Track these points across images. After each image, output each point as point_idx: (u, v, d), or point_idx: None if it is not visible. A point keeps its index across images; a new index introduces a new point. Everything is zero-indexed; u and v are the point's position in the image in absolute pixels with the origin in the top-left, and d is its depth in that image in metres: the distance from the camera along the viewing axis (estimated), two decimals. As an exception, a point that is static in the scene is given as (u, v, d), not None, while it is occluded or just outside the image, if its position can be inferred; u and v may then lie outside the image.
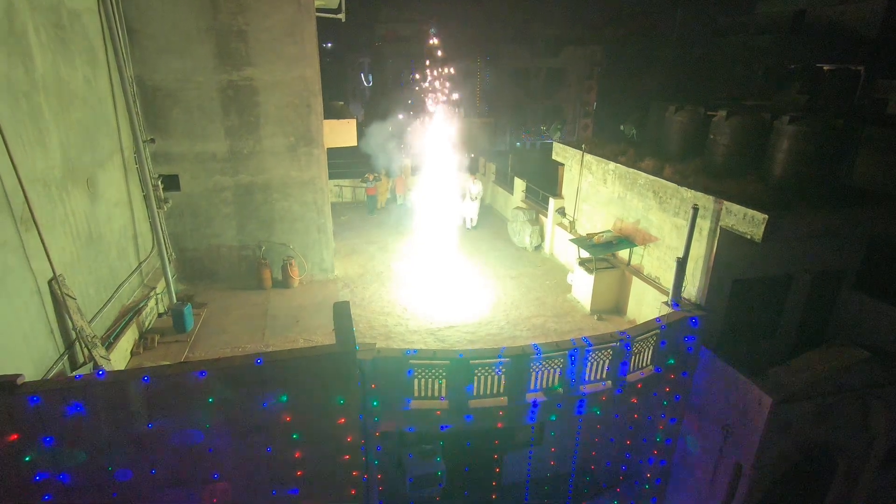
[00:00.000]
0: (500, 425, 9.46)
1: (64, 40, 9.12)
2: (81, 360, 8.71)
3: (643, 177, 12.50)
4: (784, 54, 22.17)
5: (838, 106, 16.11)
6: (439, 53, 17.35)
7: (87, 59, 9.95)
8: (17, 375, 6.60)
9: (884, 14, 21.62)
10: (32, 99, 8.10)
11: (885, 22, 21.65)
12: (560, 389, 9.41)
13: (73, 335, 8.56)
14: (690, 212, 10.42)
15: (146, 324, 11.41)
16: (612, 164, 13.76)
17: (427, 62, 17.65)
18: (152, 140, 12.25)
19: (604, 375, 9.70)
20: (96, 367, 8.58)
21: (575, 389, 9.50)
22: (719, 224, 10.34)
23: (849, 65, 19.71)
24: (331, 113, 15.30)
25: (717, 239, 10.46)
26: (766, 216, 9.31)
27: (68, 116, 9.14)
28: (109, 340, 9.73)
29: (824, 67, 19.28)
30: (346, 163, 22.12)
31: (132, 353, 10.45)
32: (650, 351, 10.13)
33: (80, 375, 7.46)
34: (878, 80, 19.12)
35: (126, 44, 11.34)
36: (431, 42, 17.39)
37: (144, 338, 10.88)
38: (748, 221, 9.68)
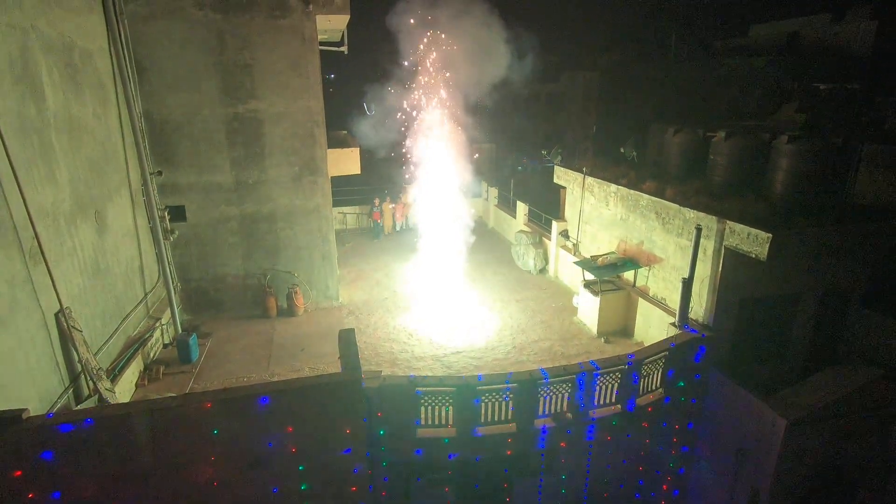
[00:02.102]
0: (509, 452, 9.29)
1: (75, 79, 9.39)
2: (86, 392, 8.67)
3: (645, 198, 12.56)
4: (780, 75, 22.48)
5: (836, 124, 16.22)
6: (440, 84, 17.73)
7: (97, 96, 10.22)
8: (23, 410, 6.57)
9: (875, 34, 22.00)
10: (44, 136, 8.29)
11: (877, 42, 22.01)
12: (569, 415, 9.27)
13: (79, 368, 8.54)
14: (694, 232, 10.43)
15: (151, 355, 11.38)
16: (613, 187, 13.85)
17: (428, 89, 18.02)
18: (160, 172, 12.46)
19: (613, 399, 9.57)
20: (101, 399, 8.54)
21: (584, 414, 9.35)
22: (723, 244, 10.32)
23: (844, 83, 19.94)
24: (334, 142, 15.56)
25: (721, 259, 10.43)
26: (770, 235, 9.30)
27: (78, 151, 9.34)
28: (115, 372, 9.70)
29: (820, 87, 19.50)
30: (350, 190, 22.37)
31: (137, 385, 10.40)
32: (659, 373, 10.00)
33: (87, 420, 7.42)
34: (875, 98, 19.31)
35: (135, 80, 11.65)
36: (432, 71, 17.77)
37: (149, 369, 10.85)
38: (752, 240, 9.67)
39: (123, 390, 9.70)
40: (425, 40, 16.72)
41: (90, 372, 8.51)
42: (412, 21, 16.45)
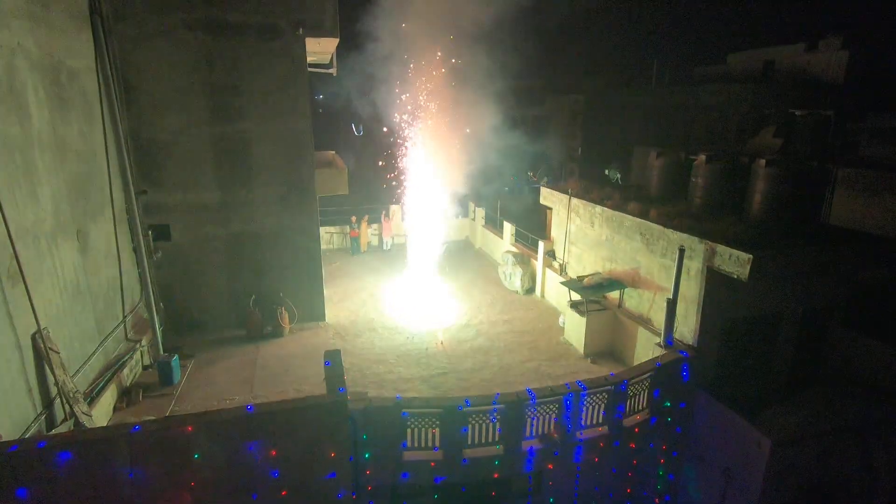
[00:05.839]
0: (496, 475, 9.18)
1: (62, 98, 9.35)
2: (62, 416, 8.41)
3: (629, 219, 12.75)
4: (757, 101, 23.23)
5: (812, 149, 16.76)
6: (427, 103, 18.03)
7: (83, 115, 10.17)
8: (-6, 435, 6.36)
9: (847, 63, 22.94)
10: (27, 154, 8.21)
11: (849, 70, 22.94)
12: (556, 436, 9.21)
13: (55, 391, 8.31)
14: (677, 253, 10.59)
15: (131, 377, 11.12)
16: (598, 208, 14.06)
17: (416, 110, 18.33)
18: (144, 192, 12.36)
19: (600, 420, 9.55)
20: (77, 423, 8.29)
21: (572, 435, 9.31)
22: (706, 264, 10.49)
23: (819, 110, 20.66)
24: (322, 162, 15.62)
25: (705, 279, 10.58)
26: (751, 256, 9.49)
27: (62, 170, 9.25)
28: (92, 395, 9.44)
29: (796, 113, 20.17)
30: (337, 210, 22.42)
31: (115, 409, 10.12)
32: (645, 393, 10.03)
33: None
34: (848, 123, 20.03)
35: (123, 100, 11.63)
36: (420, 93, 18.09)
37: (129, 392, 10.58)
38: (734, 261, 9.85)
39: (101, 414, 9.43)
40: (413, 64, 17.02)
41: (67, 395, 8.27)
42: (400, 47, 16.77)
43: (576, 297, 13.58)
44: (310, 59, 13.76)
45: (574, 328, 13.54)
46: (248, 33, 12.37)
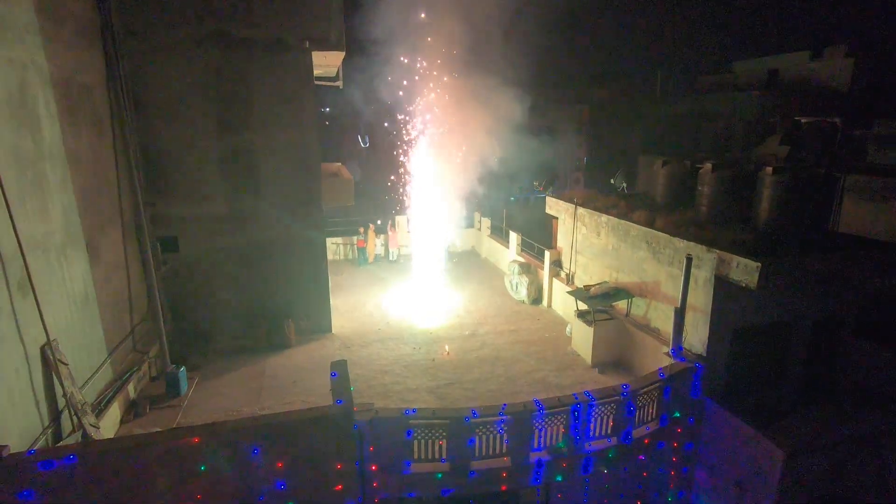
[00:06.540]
0: (503, 488, 9.08)
1: (73, 112, 9.51)
2: (70, 428, 8.43)
3: (635, 228, 12.70)
4: (763, 109, 23.21)
5: (819, 155, 16.69)
6: (433, 112, 18.15)
7: (93, 129, 10.33)
8: (3, 446, 6.38)
9: (853, 71, 22.91)
10: (38, 167, 8.33)
11: (855, 77, 22.89)
12: (564, 447, 9.11)
13: (63, 402, 8.34)
14: (684, 262, 10.52)
15: (138, 389, 11.14)
16: (604, 217, 14.02)
17: (422, 121, 18.46)
18: (153, 204, 12.48)
19: (609, 431, 9.43)
20: (85, 435, 8.30)
21: (580, 447, 9.20)
22: (714, 273, 10.40)
23: (825, 117, 20.59)
24: (328, 174, 15.74)
25: (713, 288, 10.49)
26: (759, 264, 9.41)
27: (72, 183, 9.37)
28: (100, 407, 9.47)
29: (802, 120, 20.12)
30: (344, 221, 22.52)
31: (122, 421, 10.14)
32: (654, 404, 9.91)
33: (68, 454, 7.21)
34: (855, 130, 19.96)
35: (132, 113, 11.80)
36: (427, 103, 18.23)
37: (136, 403, 10.60)
38: (742, 270, 9.77)
39: (108, 425, 9.45)
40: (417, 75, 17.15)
41: (75, 406, 8.30)
42: (405, 61, 16.94)
43: (583, 306, 13.51)
44: (316, 71, 13.94)
45: (581, 338, 13.44)
46: (256, 47, 12.55)
